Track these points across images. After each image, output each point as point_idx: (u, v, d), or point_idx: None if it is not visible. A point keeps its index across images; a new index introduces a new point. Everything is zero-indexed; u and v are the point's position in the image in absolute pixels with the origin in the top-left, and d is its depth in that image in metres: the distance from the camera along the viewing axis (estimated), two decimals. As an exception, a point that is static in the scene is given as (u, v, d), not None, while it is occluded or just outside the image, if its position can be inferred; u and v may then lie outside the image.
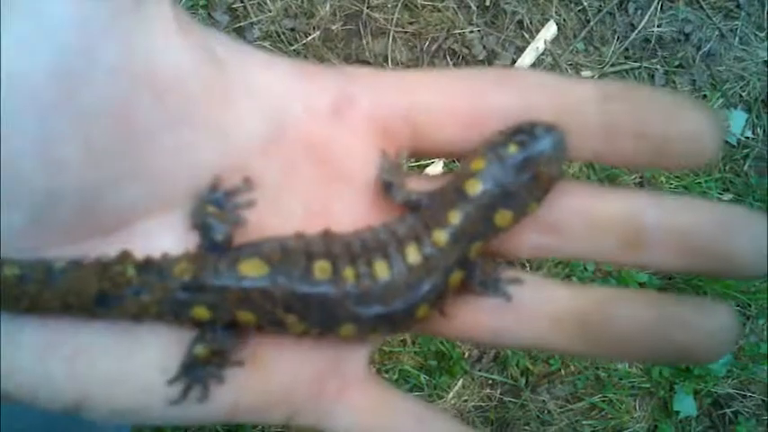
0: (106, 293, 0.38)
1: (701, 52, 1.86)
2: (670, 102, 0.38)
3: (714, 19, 1.87)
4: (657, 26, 1.86)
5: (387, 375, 1.59)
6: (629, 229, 0.39)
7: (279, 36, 1.72)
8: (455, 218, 0.40)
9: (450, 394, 1.62)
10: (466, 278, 0.41)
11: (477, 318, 0.42)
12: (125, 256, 0.38)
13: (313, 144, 0.40)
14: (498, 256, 0.42)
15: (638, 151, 0.38)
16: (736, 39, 1.88)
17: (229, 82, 0.38)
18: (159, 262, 0.38)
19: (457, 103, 0.40)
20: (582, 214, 0.40)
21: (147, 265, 0.38)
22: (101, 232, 0.37)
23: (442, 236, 0.40)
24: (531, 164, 0.39)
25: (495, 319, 0.41)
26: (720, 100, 1.85)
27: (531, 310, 0.41)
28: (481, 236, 0.40)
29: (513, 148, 0.39)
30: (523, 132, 0.39)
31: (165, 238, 0.39)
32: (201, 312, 0.39)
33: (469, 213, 0.40)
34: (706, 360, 0.39)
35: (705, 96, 1.85)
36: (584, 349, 0.41)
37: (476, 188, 0.40)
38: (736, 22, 1.88)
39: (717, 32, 1.87)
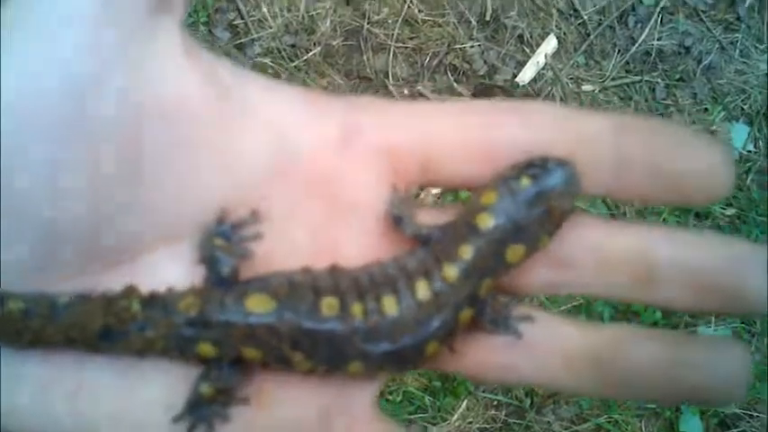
0: (110, 328, 0.37)
1: (701, 65, 1.86)
2: (683, 137, 0.38)
3: (714, 32, 1.88)
4: (658, 39, 1.86)
5: (390, 397, 1.57)
6: (640, 265, 0.39)
7: (279, 52, 1.72)
8: (466, 253, 0.39)
9: (455, 416, 1.60)
10: (476, 316, 0.40)
11: (487, 355, 0.41)
12: (130, 291, 0.37)
13: (320, 175, 0.40)
14: (509, 291, 0.41)
15: (650, 187, 0.38)
16: (737, 51, 1.88)
17: (236, 109, 0.37)
18: (165, 297, 0.38)
19: (468, 135, 0.39)
20: (593, 250, 0.40)
21: (152, 300, 0.37)
22: (106, 264, 0.37)
23: (452, 271, 0.39)
24: (543, 198, 0.39)
25: (505, 357, 0.41)
26: (722, 113, 1.85)
27: (543, 349, 0.40)
28: (492, 272, 0.40)
29: (525, 182, 0.39)
30: (536, 166, 0.38)
31: (171, 270, 0.38)
32: (207, 349, 0.38)
33: (481, 248, 0.39)
34: (720, 402, 0.38)
35: (706, 110, 1.84)
36: (596, 389, 0.40)
37: (487, 222, 0.39)
38: (737, 35, 1.88)
39: (717, 45, 1.88)
